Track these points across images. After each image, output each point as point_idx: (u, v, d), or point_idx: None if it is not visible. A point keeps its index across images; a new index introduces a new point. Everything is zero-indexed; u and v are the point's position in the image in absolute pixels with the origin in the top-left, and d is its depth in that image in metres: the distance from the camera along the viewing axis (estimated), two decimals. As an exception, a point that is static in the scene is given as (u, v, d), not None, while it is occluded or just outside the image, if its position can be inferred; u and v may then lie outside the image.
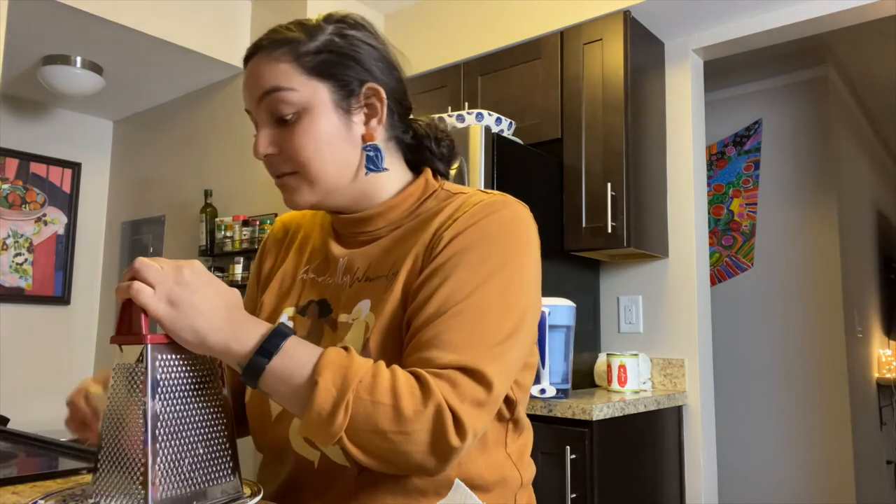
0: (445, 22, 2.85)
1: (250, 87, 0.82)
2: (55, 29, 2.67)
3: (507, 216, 0.80)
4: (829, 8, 2.21)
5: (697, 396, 2.35)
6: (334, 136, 0.81)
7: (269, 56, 0.81)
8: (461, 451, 0.69)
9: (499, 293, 0.75)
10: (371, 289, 0.83)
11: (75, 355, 3.59)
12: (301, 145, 0.80)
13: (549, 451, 1.91)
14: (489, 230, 0.78)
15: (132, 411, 0.64)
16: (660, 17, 2.40)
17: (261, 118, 0.82)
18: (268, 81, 0.80)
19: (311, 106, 0.80)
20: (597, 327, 2.59)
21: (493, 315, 0.73)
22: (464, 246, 0.77)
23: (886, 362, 4.27)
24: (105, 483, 0.65)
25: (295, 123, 0.80)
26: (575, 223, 2.33)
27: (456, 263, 0.75)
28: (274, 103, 0.80)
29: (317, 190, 0.82)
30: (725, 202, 3.70)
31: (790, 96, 3.54)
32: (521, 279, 0.77)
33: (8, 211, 3.42)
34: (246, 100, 0.84)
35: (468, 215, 0.79)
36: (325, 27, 0.83)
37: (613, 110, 2.29)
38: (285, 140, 0.81)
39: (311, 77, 0.80)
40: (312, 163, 0.80)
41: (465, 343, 0.71)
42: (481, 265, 0.75)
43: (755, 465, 3.42)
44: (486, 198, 0.82)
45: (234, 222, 2.82)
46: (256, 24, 3.00)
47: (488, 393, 0.70)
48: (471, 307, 0.73)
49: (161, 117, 3.52)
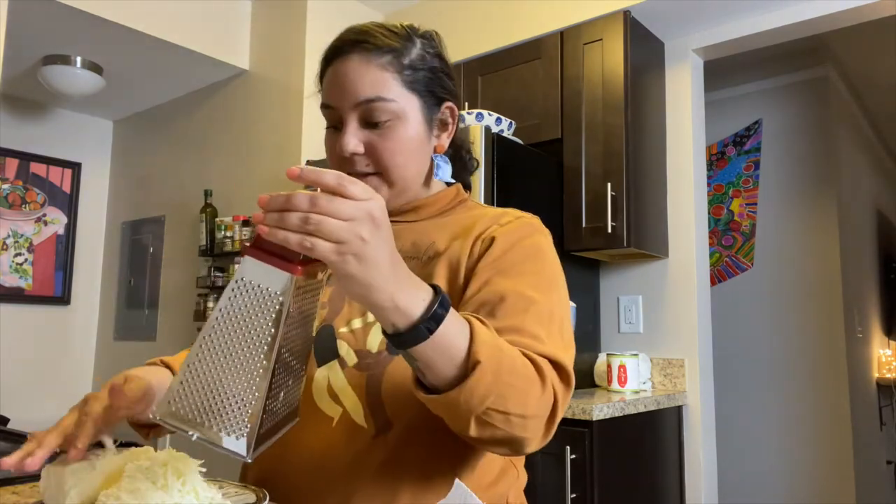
0: (445, 22, 2.85)
1: (348, 87, 0.83)
2: (55, 29, 2.67)
3: (547, 242, 0.88)
4: (829, 8, 2.21)
5: (697, 396, 2.35)
6: (418, 145, 0.87)
7: (370, 62, 0.83)
8: (559, 409, 0.73)
9: (559, 304, 0.82)
10: (417, 265, 0.87)
11: (75, 355, 3.59)
12: (391, 150, 0.84)
13: (549, 451, 1.91)
14: (542, 248, 0.86)
15: (249, 336, 0.58)
16: (660, 17, 2.40)
17: (350, 118, 0.84)
18: (371, 90, 0.82)
19: (404, 115, 0.84)
20: (597, 327, 2.59)
21: (558, 321, 0.80)
22: (526, 255, 0.84)
23: (886, 362, 4.27)
24: (188, 405, 0.59)
25: (387, 129, 0.84)
26: (575, 223, 2.33)
27: (522, 270, 0.82)
28: (372, 110, 0.83)
29: (393, 191, 0.87)
30: (725, 202, 3.70)
31: (790, 96, 3.54)
32: (563, 292, 0.85)
33: (8, 211, 3.42)
34: (334, 95, 0.85)
35: (518, 228, 0.87)
36: (416, 40, 0.88)
37: (613, 110, 2.29)
38: (375, 143, 0.84)
39: (408, 90, 0.85)
40: (398, 168, 0.85)
41: (550, 339, 0.76)
42: (542, 277, 0.83)
43: (755, 465, 3.42)
44: (525, 216, 0.90)
45: (234, 222, 2.82)
46: (256, 24, 3.00)
47: (568, 387, 0.75)
48: (545, 309, 0.79)
49: (161, 117, 3.52)
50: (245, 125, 2.98)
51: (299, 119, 2.71)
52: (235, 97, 3.06)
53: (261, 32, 2.98)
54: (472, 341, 0.65)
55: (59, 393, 3.49)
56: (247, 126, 2.97)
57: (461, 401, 0.65)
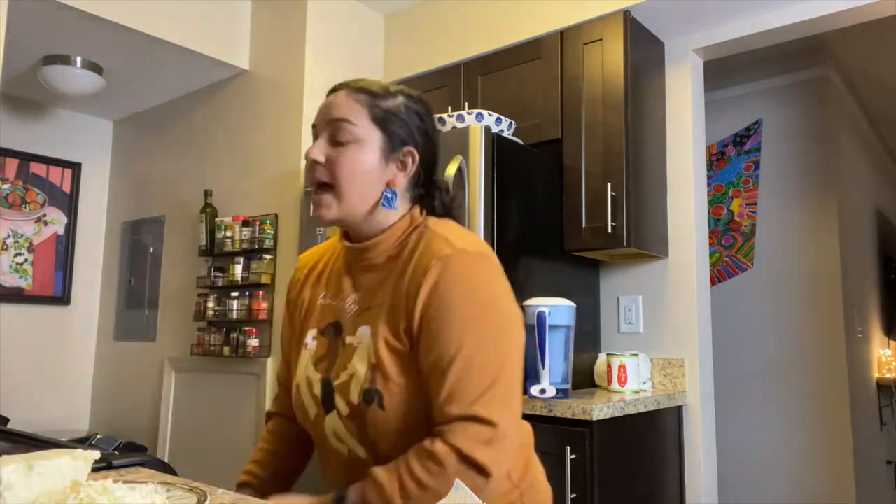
0: (445, 22, 2.85)
1: (327, 110, 1.05)
2: (55, 29, 2.67)
3: (466, 274, 0.97)
4: (829, 8, 2.21)
5: (697, 396, 2.35)
6: (369, 170, 1.02)
7: (348, 96, 1.04)
8: (497, 478, 0.90)
9: (478, 346, 0.93)
10: (369, 317, 1.02)
11: (75, 355, 3.59)
12: (342, 166, 1.01)
13: (549, 451, 1.91)
14: (456, 291, 0.95)
15: None
16: (660, 17, 2.40)
17: (323, 134, 1.04)
18: (342, 112, 1.03)
19: (363, 142, 1.02)
20: (597, 327, 2.59)
21: (477, 367, 0.92)
22: (440, 306, 0.94)
23: (886, 362, 4.27)
24: None
25: (346, 148, 1.01)
26: (575, 223, 2.33)
27: (439, 325, 0.94)
28: (338, 128, 1.02)
29: (342, 208, 1.02)
30: (725, 202, 3.70)
31: (790, 96, 3.54)
32: (495, 326, 0.95)
33: (8, 211, 3.42)
34: (318, 117, 1.06)
35: (437, 276, 0.96)
36: (399, 96, 1.06)
37: (613, 110, 2.29)
38: (333, 157, 1.02)
39: (372, 123, 1.02)
40: (345, 183, 1.01)
41: (464, 393, 0.90)
42: (457, 326, 0.93)
43: (755, 465, 3.42)
44: (447, 251, 0.97)
45: (234, 222, 2.82)
46: (256, 24, 3.00)
47: (495, 429, 0.89)
48: (460, 362, 0.91)
49: (161, 117, 3.52)
50: (245, 125, 2.98)
51: (299, 119, 2.71)
52: (235, 97, 3.06)
53: (261, 32, 2.98)
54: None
55: (59, 393, 3.49)
56: (247, 126, 2.97)
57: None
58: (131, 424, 3.32)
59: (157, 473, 0.99)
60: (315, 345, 1.09)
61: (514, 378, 0.95)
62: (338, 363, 1.03)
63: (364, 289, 1.06)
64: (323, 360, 1.06)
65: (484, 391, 0.90)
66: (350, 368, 1.00)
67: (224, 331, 2.82)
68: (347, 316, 1.06)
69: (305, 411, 1.07)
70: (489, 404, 0.90)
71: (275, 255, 2.72)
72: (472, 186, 2.04)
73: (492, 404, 0.90)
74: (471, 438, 0.88)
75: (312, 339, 1.10)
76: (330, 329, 1.08)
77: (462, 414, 0.89)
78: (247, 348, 2.71)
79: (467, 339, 0.92)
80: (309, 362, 1.08)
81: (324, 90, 1.15)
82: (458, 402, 0.90)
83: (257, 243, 2.72)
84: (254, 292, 2.73)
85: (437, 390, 0.92)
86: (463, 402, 0.90)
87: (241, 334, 2.74)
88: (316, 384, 1.05)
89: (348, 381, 1.00)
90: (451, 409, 0.90)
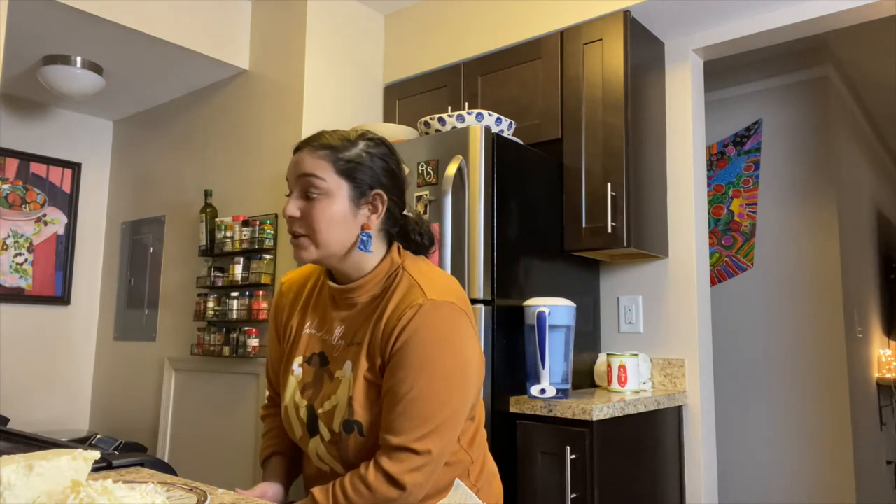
0: (445, 22, 2.85)
1: (295, 167, 1.13)
2: (55, 29, 2.67)
3: (434, 323, 1.07)
4: (829, 8, 2.21)
5: (697, 396, 2.35)
6: (342, 219, 1.11)
7: (312, 152, 1.13)
8: (411, 492, 1.04)
9: (427, 388, 1.05)
10: (352, 352, 1.13)
11: (75, 355, 3.59)
12: (316, 218, 1.10)
13: (549, 451, 1.91)
14: (421, 338, 1.06)
15: None
16: (660, 17, 2.40)
17: (296, 190, 1.13)
18: (308, 168, 1.11)
19: (332, 194, 1.10)
20: (597, 327, 2.59)
21: (422, 404, 1.04)
22: (405, 349, 1.06)
23: (886, 362, 4.27)
24: None
25: (317, 201, 1.10)
26: (575, 223, 2.33)
27: (399, 365, 1.06)
28: (307, 184, 1.11)
29: (320, 251, 1.12)
30: (725, 202, 3.70)
31: (790, 96, 3.54)
32: (445, 373, 1.07)
33: (8, 211, 3.42)
34: (289, 174, 1.15)
35: (407, 323, 1.07)
36: (359, 143, 1.14)
37: (613, 110, 2.29)
38: (307, 211, 1.11)
39: (338, 175, 1.11)
40: (321, 233, 1.10)
41: (407, 427, 1.04)
42: (413, 368, 1.05)
43: (755, 464, 3.42)
44: (419, 300, 1.08)
45: (234, 222, 2.82)
46: (256, 23, 3.00)
47: (427, 457, 1.04)
48: (409, 399, 1.04)
49: (161, 117, 3.52)
50: (245, 125, 2.98)
51: (299, 119, 2.71)
52: (235, 97, 3.06)
53: (261, 32, 2.98)
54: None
55: (59, 393, 3.49)
56: (247, 126, 2.97)
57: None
58: (131, 424, 3.32)
59: (156, 473, 0.99)
60: (301, 372, 1.19)
61: (455, 415, 1.08)
62: (322, 393, 1.15)
63: (348, 325, 1.16)
64: (309, 387, 1.17)
65: (422, 425, 1.04)
66: (334, 399, 1.12)
67: (224, 331, 2.82)
68: (335, 351, 1.16)
69: (293, 431, 1.20)
70: (425, 438, 1.04)
71: (275, 255, 2.72)
72: (472, 186, 2.04)
73: (428, 438, 1.04)
74: (403, 465, 1.03)
75: (299, 367, 1.20)
76: (315, 359, 1.19)
77: (400, 444, 1.04)
78: (247, 348, 2.71)
79: (419, 380, 1.04)
80: (296, 388, 1.19)
81: (324, 90, 1.19)
82: (399, 433, 1.04)
83: (257, 243, 2.72)
84: (254, 292, 2.73)
85: (386, 419, 1.06)
86: (402, 434, 1.04)
87: (241, 334, 2.74)
88: (302, 409, 1.17)
89: (332, 411, 1.12)
90: (392, 440, 1.04)
